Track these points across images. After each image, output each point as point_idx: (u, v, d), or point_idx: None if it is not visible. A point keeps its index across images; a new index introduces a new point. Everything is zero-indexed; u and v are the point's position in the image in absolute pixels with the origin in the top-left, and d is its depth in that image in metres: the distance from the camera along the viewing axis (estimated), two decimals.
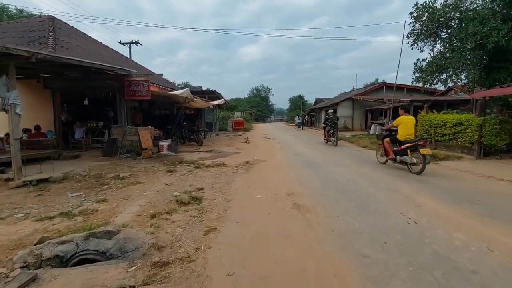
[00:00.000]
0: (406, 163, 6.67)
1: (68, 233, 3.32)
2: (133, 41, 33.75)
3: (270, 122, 76.29)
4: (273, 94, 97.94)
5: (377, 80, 61.18)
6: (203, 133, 16.92)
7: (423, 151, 6.11)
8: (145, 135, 9.03)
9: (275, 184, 5.54)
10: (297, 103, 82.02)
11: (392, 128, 7.39)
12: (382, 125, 19.30)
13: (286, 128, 35.15)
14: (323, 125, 14.31)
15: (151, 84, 10.40)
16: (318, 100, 43.03)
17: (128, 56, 32.65)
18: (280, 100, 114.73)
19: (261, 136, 19.95)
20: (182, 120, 14.03)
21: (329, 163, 8.04)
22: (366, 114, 25.94)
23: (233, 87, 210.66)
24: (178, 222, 3.64)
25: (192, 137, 12.90)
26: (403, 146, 6.70)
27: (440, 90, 26.74)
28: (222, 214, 3.91)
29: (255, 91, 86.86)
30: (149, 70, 14.69)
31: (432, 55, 12.74)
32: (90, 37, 14.42)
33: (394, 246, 2.79)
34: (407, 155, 6.59)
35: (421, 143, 6.41)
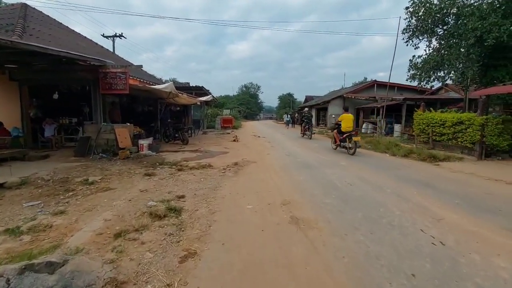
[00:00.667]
0: (345, 148, 9.31)
1: (1, 262, 2.54)
2: (117, 34, 32.33)
3: (259, 120, 75.57)
4: (262, 92, 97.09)
5: (365, 79, 61.49)
6: (189, 131, 16.06)
7: (354, 138, 8.89)
8: (123, 133, 8.16)
9: (267, 190, 4.86)
10: (287, 101, 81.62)
11: (338, 123, 9.89)
12: (374, 123, 19.02)
13: (275, 126, 34.50)
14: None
15: (131, 78, 9.49)
16: (308, 98, 42.67)
17: (112, 50, 31.34)
18: (269, 98, 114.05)
19: (250, 134, 19.24)
20: (167, 117, 13.15)
21: (324, 164, 7.45)
22: (358, 113, 25.66)
23: (222, 84, 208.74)
24: (148, 243, 2.90)
25: (176, 135, 12.06)
26: (343, 136, 9.28)
27: (427, 89, 26.83)
28: (205, 231, 3.20)
29: (244, 89, 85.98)
30: (129, 62, 13.66)
31: (428, 52, 12.37)
32: (66, 26, 13.25)
33: (426, 279, 2.17)
34: (345, 141, 9.24)
35: (353, 133, 9.10)
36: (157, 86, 9.89)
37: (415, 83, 13.49)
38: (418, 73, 12.47)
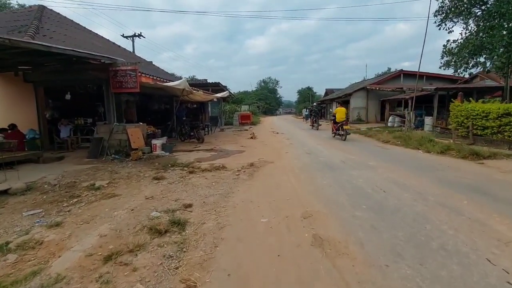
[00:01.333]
0: (339, 135, 11.76)
1: None
2: (136, 34, 32.79)
3: (278, 115, 74.54)
4: (281, 87, 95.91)
5: (389, 69, 58.29)
6: (206, 129, 15.74)
7: (345, 127, 11.42)
8: (135, 133, 7.87)
9: (285, 198, 4.26)
10: (306, 95, 79.69)
11: (334, 115, 12.39)
12: (402, 116, 17.66)
13: (295, 121, 33.59)
14: (309, 115, 22.67)
15: (145, 75, 9.20)
16: (328, 91, 41.16)
17: (132, 50, 31.82)
18: (288, 93, 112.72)
19: (268, 130, 18.61)
20: (183, 114, 12.85)
21: (351, 164, 6.70)
22: (383, 105, 24.17)
23: (240, 80, 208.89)
24: (142, 269, 2.42)
25: (192, 133, 11.71)
26: (338, 125, 11.81)
27: (460, 77, 24.61)
28: (210, 253, 2.68)
29: (262, 84, 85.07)
30: (142, 59, 13.45)
31: (464, 35, 11.05)
32: (83, 27, 13.27)
33: None
34: (339, 130, 11.70)
35: (344, 123, 11.65)
36: (169, 84, 9.52)
37: (449, 71, 12.19)
38: (453, 60, 11.22)
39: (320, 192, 4.49)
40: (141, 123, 8.69)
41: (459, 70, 11.20)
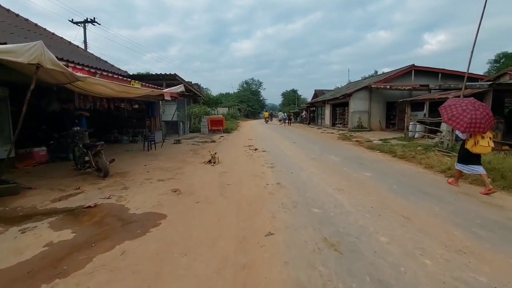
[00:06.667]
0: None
1: None
2: (88, 19, 26.59)
3: (262, 118, 69.27)
4: (264, 88, 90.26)
5: (376, 72, 54.49)
6: (151, 142, 10.06)
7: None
8: None
9: None
10: (291, 97, 75.06)
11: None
12: (428, 124, 12.83)
13: (280, 127, 28.10)
14: (286, 118, 30.11)
15: None
16: (318, 93, 36.30)
17: (84, 39, 25.52)
18: (273, 96, 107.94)
19: (244, 143, 13.12)
20: (79, 122, 7.18)
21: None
22: (389, 108, 19.41)
23: (226, 82, 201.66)
24: None
25: (87, 159, 6.05)
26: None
27: (481, 76, 20.32)
28: None
29: (245, 85, 79.65)
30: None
31: None
32: None
33: None
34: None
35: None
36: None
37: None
38: None
39: None
40: None
41: None
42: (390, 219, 3.50)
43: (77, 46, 13.80)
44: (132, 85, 9.42)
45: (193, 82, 30.41)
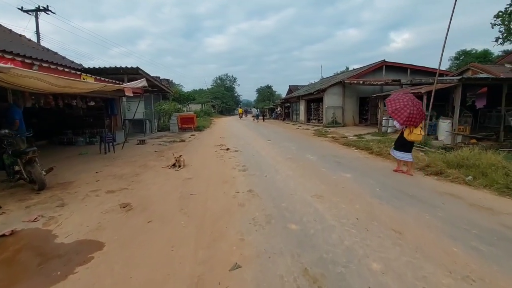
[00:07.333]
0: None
1: None
2: (41, 8, 23.93)
3: (236, 114, 68.25)
4: (239, 84, 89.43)
5: (347, 68, 55.59)
6: (108, 144, 8.87)
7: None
8: None
9: None
10: (266, 93, 74.72)
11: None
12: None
13: (254, 123, 27.42)
14: (259, 115, 32.35)
15: None
16: (292, 88, 36.11)
17: (36, 28, 22.89)
18: (248, 92, 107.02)
19: (216, 139, 12.29)
20: (12, 122, 5.95)
21: None
22: (361, 104, 19.53)
23: (200, 78, 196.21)
24: None
25: (18, 169, 4.95)
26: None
27: (446, 71, 21.13)
28: None
29: (218, 81, 77.94)
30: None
31: None
32: None
33: None
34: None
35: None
36: None
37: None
38: None
39: None
40: None
41: None
42: (380, 235, 2.97)
43: (20, 35, 12.01)
44: (83, 79, 8.20)
45: (162, 78, 28.78)
